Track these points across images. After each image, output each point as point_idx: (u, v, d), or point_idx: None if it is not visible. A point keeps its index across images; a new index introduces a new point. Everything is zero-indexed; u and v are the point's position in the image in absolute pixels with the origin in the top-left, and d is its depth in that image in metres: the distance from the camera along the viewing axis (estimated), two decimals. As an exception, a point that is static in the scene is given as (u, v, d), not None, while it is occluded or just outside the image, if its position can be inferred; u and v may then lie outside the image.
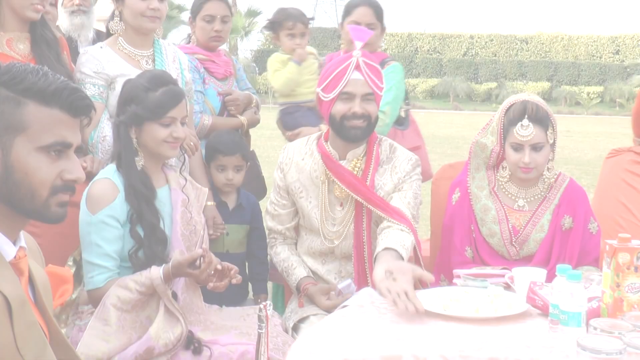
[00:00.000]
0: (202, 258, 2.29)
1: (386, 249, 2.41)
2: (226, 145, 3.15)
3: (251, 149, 3.71)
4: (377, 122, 2.70)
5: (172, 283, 2.35)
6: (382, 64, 3.46)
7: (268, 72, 3.80)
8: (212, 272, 2.35)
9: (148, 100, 2.42)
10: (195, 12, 3.48)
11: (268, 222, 2.86)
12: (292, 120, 3.63)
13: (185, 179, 2.61)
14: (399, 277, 2.15)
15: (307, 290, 2.67)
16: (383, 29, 3.54)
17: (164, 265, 2.31)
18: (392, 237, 2.47)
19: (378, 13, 3.48)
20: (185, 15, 30.26)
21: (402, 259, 2.39)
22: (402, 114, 3.63)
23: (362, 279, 2.67)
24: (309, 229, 2.77)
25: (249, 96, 3.61)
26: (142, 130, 2.44)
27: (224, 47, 3.77)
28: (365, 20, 3.42)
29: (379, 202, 2.61)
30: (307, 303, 2.68)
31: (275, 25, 3.66)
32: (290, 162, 2.78)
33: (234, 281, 2.39)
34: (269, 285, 3.95)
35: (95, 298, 2.34)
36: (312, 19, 3.82)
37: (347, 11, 3.50)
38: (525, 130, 2.54)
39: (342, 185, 2.64)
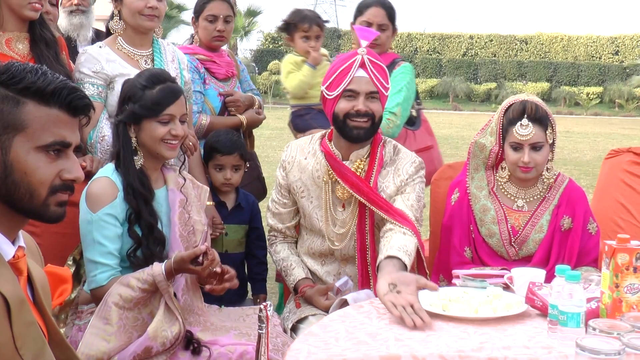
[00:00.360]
0: (205, 255, 2.28)
1: (389, 257, 2.37)
2: (224, 145, 3.15)
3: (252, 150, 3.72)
4: (380, 122, 2.66)
5: (174, 280, 2.34)
6: (393, 64, 3.46)
7: (281, 73, 3.79)
8: (214, 269, 2.34)
9: (145, 97, 2.42)
10: (198, 12, 3.49)
11: (269, 220, 2.85)
12: (303, 122, 3.64)
13: (185, 179, 2.60)
14: (402, 289, 2.10)
15: (305, 293, 2.66)
16: (394, 30, 3.54)
17: (166, 261, 2.31)
18: (395, 242, 2.43)
19: (390, 14, 3.47)
20: (185, 15, 30.31)
21: (406, 266, 2.36)
22: (414, 113, 3.62)
23: (365, 281, 2.65)
24: (310, 229, 2.75)
25: (250, 97, 3.60)
26: (141, 129, 2.44)
27: (224, 47, 3.77)
28: (376, 20, 3.42)
29: (383, 203, 2.58)
30: (305, 304, 2.67)
31: (290, 27, 3.66)
32: (292, 160, 2.75)
33: (227, 285, 2.38)
34: (276, 285, 3.95)
35: (98, 297, 2.33)
36: (327, 21, 3.82)
37: (359, 10, 3.49)
38: (525, 130, 2.54)
39: (345, 185, 2.61)
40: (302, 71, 3.61)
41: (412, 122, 3.63)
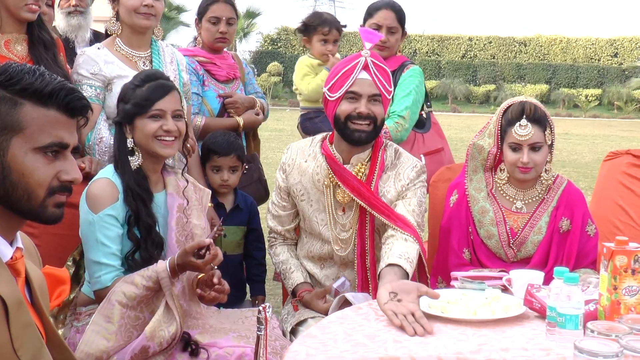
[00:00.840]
0: (208, 250, 2.27)
1: (390, 265, 2.35)
2: (221, 146, 3.15)
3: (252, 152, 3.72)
4: (382, 125, 2.64)
5: (177, 279, 2.33)
6: (402, 67, 3.46)
7: (296, 75, 3.79)
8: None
9: (135, 95, 2.43)
10: (201, 13, 3.50)
11: (269, 222, 2.84)
12: (312, 125, 3.64)
13: (187, 181, 2.59)
14: (403, 297, 2.08)
15: (303, 298, 2.65)
16: (404, 33, 3.54)
17: (169, 257, 2.30)
18: (396, 249, 2.41)
19: (400, 17, 3.47)
20: (184, 17, 30.35)
21: (407, 274, 2.34)
22: (424, 115, 3.62)
23: (364, 285, 2.64)
24: (310, 232, 2.74)
25: (250, 99, 3.60)
26: (134, 128, 2.44)
27: (230, 50, 3.77)
28: (386, 23, 3.42)
29: (384, 208, 2.56)
30: (303, 308, 2.66)
31: (309, 29, 3.68)
32: (292, 163, 2.72)
33: (213, 294, 2.36)
34: (275, 286, 3.93)
35: (102, 298, 2.31)
36: (345, 26, 3.84)
37: (369, 13, 3.49)
38: (524, 130, 2.54)
39: (346, 189, 2.59)
40: (320, 75, 3.62)
41: (422, 124, 3.62)
